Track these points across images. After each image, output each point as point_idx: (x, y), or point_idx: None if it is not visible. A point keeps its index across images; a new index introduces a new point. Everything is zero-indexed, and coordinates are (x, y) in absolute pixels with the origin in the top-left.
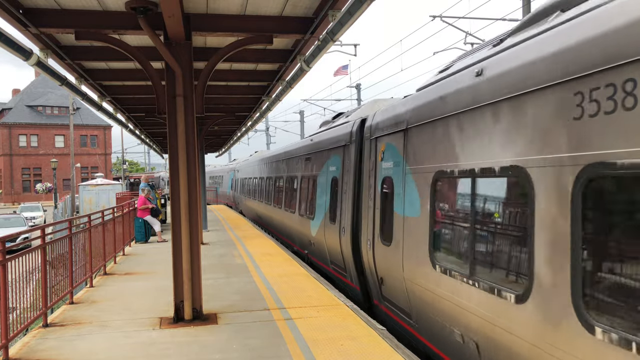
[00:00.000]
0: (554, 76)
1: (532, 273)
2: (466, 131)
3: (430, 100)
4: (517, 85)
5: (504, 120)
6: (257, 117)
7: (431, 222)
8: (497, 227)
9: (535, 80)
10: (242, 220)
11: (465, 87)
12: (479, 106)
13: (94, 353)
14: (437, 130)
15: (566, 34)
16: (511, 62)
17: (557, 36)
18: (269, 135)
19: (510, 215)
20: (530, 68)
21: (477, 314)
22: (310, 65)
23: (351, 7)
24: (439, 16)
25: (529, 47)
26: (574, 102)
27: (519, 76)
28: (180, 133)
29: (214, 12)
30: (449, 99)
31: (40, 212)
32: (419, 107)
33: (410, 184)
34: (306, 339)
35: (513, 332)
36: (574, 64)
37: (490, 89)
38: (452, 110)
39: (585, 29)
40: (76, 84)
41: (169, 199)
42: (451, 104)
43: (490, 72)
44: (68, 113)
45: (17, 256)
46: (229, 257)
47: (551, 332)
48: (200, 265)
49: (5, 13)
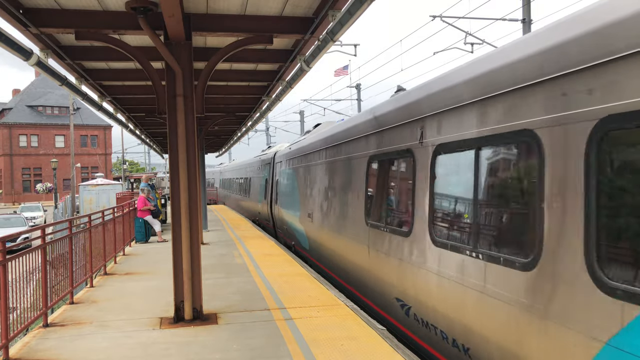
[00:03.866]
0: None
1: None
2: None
3: (287, 153)
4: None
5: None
6: (257, 117)
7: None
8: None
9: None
10: (243, 220)
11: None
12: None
13: (94, 353)
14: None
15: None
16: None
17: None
18: (269, 135)
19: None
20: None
21: (288, 219)
22: (310, 65)
23: (351, 7)
24: (439, 16)
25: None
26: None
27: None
28: (180, 133)
29: (214, 12)
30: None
31: (40, 212)
32: (286, 154)
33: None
34: (306, 338)
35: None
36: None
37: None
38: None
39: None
40: (76, 84)
41: (169, 199)
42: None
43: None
44: (68, 113)
45: (18, 256)
46: (229, 257)
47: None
48: (200, 265)
49: (5, 13)
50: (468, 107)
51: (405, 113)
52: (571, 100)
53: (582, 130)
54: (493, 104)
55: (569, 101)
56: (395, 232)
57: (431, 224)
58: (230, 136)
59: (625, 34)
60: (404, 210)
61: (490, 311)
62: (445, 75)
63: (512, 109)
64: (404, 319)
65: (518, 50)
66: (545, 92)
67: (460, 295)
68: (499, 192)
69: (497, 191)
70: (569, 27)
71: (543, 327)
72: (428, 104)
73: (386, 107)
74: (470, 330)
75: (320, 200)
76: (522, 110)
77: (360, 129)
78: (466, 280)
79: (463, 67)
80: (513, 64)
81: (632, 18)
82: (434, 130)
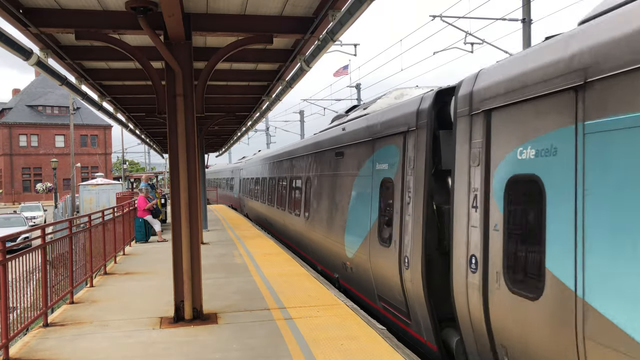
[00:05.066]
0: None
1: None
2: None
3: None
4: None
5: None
6: (257, 117)
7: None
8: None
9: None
10: (243, 220)
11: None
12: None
13: (94, 353)
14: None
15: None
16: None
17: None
18: (269, 135)
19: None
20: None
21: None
22: (310, 65)
23: (351, 7)
24: (439, 16)
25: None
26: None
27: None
28: (180, 133)
29: (214, 12)
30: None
31: (40, 211)
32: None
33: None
34: (306, 338)
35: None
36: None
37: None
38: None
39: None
40: (76, 84)
41: (168, 198)
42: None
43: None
44: (68, 113)
45: (18, 256)
46: (229, 256)
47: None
48: (200, 265)
49: (5, 13)
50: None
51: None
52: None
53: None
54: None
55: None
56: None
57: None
58: (230, 136)
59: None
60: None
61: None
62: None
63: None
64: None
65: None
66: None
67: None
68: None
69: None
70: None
71: None
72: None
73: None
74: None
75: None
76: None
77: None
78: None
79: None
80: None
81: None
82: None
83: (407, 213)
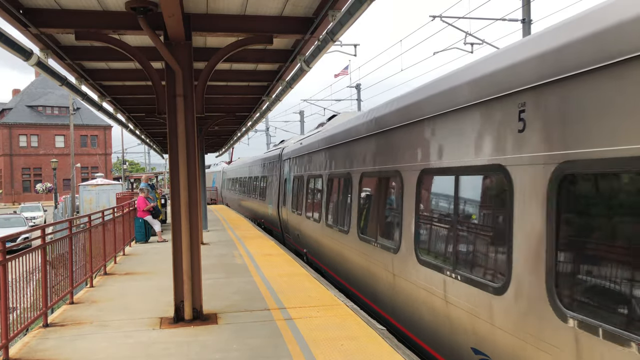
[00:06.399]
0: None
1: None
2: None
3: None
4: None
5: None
6: (257, 117)
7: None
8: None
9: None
10: (243, 220)
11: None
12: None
13: (94, 353)
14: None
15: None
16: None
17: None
18: (269, 135)
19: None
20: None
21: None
22: (310, 65)
23: (351, 7)
24: (439, 16)
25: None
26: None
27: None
28: (180, 133)
29: (214, 12)
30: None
31: (40, 212)
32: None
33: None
34: (306, 338)
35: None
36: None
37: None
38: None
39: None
40: (76, 84)
41: (168, 199)
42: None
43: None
44: (68, 113)
45: (17, 256)
46: (229, 257)
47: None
48: (200, 265)
49: (5, 13)
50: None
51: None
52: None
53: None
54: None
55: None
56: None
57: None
58: (230, 136)
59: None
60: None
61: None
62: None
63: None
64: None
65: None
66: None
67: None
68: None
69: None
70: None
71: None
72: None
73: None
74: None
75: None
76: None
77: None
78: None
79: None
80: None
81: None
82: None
83: (281, 192)
